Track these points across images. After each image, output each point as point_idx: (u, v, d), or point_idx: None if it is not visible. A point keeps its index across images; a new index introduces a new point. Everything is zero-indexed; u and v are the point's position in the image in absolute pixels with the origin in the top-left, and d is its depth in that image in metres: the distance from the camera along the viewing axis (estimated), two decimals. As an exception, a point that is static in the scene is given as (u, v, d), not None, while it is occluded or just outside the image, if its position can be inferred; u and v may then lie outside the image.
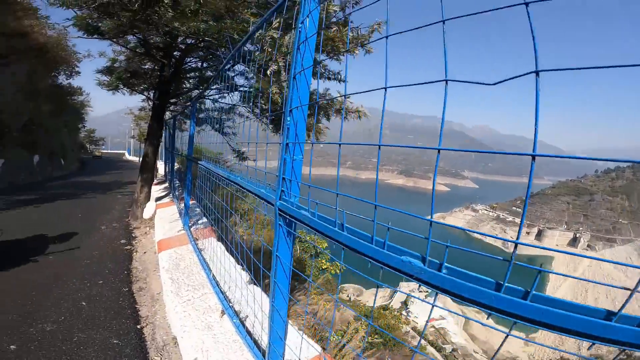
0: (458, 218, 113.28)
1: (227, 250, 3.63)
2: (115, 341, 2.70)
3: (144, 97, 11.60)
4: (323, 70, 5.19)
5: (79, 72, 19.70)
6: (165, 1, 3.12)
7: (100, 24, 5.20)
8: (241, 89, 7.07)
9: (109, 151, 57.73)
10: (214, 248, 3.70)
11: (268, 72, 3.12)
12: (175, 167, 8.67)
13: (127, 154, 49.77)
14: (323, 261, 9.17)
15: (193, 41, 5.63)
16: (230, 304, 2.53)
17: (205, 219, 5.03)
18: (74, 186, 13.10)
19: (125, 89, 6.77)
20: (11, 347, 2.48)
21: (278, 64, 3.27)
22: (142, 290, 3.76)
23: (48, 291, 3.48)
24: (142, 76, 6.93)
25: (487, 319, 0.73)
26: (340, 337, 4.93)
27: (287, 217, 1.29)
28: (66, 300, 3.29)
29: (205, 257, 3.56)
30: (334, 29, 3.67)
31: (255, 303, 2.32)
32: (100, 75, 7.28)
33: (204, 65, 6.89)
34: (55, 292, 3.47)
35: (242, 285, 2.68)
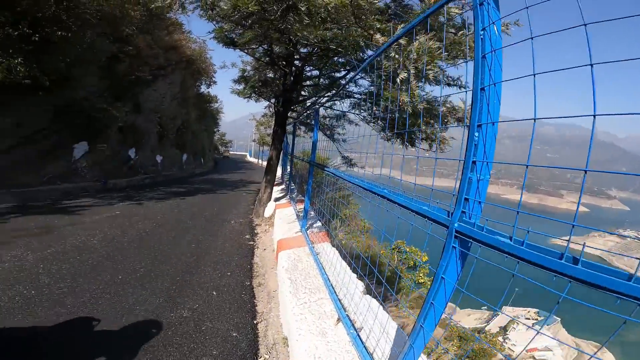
0: (597, 244, 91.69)
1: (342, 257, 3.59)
2: (234, 334, 2.86)
3: (266, 105, 12.89)
4: (442, 77, 4.77)
5: (215, 82, 23.08)
6: (303, 8, 3.25)
7: (234, 36, 5.89)
8: (357, 95, 7.09)
9: (234, 152, 66.66)
10: (328, 253, 3.70)
11: (398, 80, 2.93)
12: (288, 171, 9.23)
13: (248, 156, 56.53)
14: (421, 274, 8.69)
15: (315, 49, 5.86)
16: (346, 313, 2.47)
17: (319, 223, 5.15)
18: (210, 182, 15.45)
19: (255, 96, 7.53)
20: (153, 330, 2.80)
21: (408, 72, 3.05)
22: (260, 285, 3.99)
23: (190, 276, 3.98)
24: (269, 85, 7.61)
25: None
26: (426, 356, 4.46)
27: (470, 240, 1.20)
28: (201, 288, 3.68)
29: (322, 261, 3.58)
30: (461, 32, 3.33)
31: (388, 319, 2.17)
32: (234, 84, 8.34)
33: (321, 73, 7.14)
34: (195, 278, 3.94)
35: (358, 295, 2.62)
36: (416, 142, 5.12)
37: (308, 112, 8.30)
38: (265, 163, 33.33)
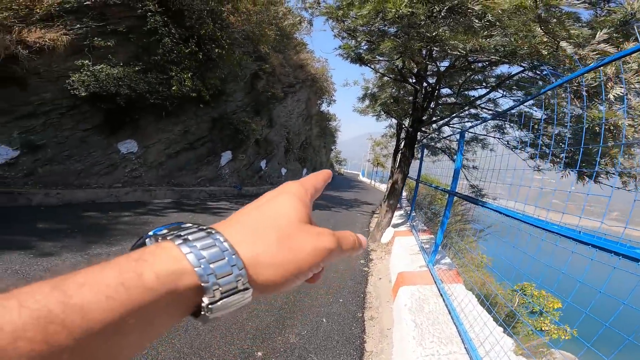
0: None
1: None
2: (338, 374, 2.48)
3: (386, 125, 12.55)
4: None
5: (335, 101, 24.14)
6: (476, 8, 2.74)
7: (361, 51, 5.71)
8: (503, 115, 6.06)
9: (347, 171, 68.63)
10: (462, 297, 3.19)
11: (610, 97, 2.11)
12: (404, 195, 8.58)
13: (361, 175, 57.32)
14: (547, 321, 7.93)
15: (458, 62, 5.21)
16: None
17: (448, 259, 4.55)
18: (325, 199, 15.83)
19: (384, 114, 7.25)
20: (258, 353, 2.62)
21: (628, 86, 2.20)
22: (372, 319, 3.60)
23: (302, 297, 3.80)
24: (400, 102, 7.23)
25: None
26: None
27: None
28: (312, 313, 3.44)
29: (455, 305, 3.03)
30: None
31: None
32: (358, 102, 8.27)
33: (459, 91, 6.35)
34: (307, 300, 3.74)
35: (508, 356, 2.14)
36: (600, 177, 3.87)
37: (440, 134, 7.57)
38: (378, 184, 32.97)
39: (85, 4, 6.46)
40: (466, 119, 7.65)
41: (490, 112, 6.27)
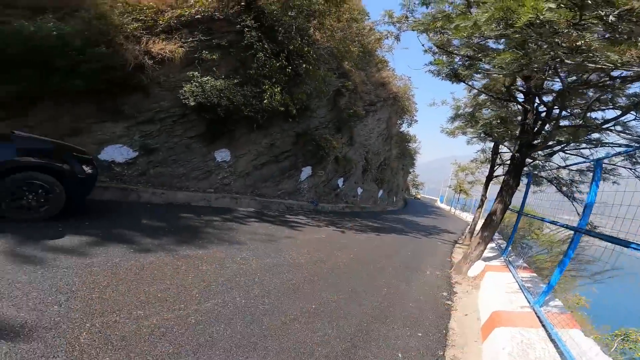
0: None
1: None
2: None
3: (478, 149, 11.43)
4: None
5: (417, 121, 22.96)
6: None
7: (457, 67, 5.18)
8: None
9: (424, 196, 65.00)
10: (586, 346, 2.85)
11: None
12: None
13: (439, 201, 53.73)
14: None
15: (591, 77, 4.40)
16: None
17: (559, 302, 3.94)
18: (402, 222, 15.06)
19: (484, 137, 6.56)
20: None
21: None
22: None
23: (378, 325, 3.48)
24: (508, 124, 6.42)
25: None
26: None
27: None
28: (386, 345, 3.09)
29: (574, 354, 2.65)
30: None
31: None
32: (448, 122, 7.69)
33: (585, 112, 5.33)
34: (382, 329, 3.40)
35: None
36: None
37: (549, 161, 6.48)
38: (459, 212, 30.29)
39: (196, 17, 7.25)
40: (583, 145, 6.49)
41: (628, 136, 5.15)
